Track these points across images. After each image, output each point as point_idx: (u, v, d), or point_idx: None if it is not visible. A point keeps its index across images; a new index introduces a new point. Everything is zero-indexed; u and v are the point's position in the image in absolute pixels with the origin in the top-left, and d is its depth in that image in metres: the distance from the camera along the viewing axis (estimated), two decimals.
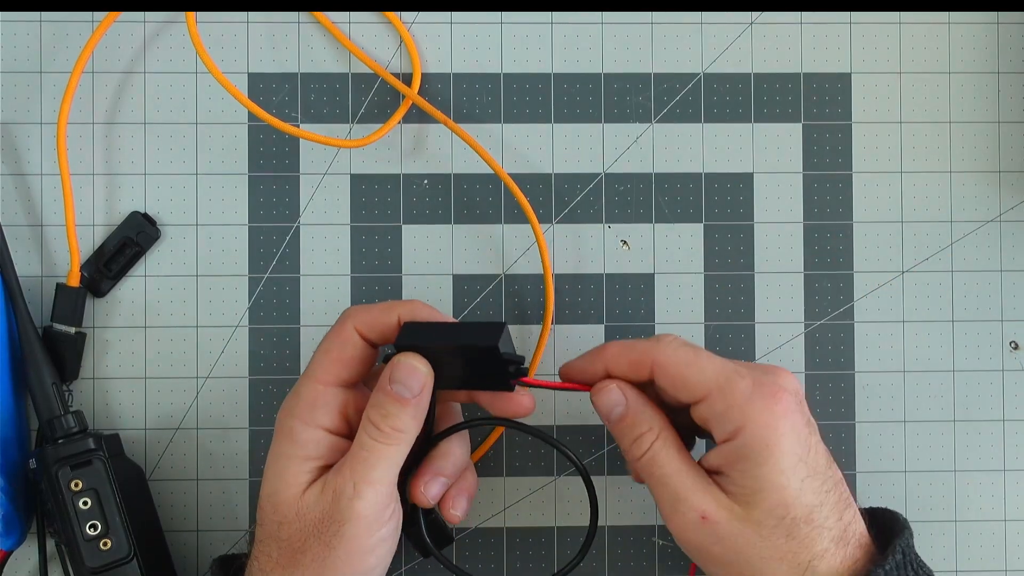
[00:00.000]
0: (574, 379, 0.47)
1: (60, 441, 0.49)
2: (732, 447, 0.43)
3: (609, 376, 0.46)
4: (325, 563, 0.43)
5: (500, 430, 0.52)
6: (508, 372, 0.45)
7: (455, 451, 0.47)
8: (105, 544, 0.48)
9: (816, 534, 0.43)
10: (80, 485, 0.48)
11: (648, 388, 0.46)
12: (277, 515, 0.44)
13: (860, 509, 0.46)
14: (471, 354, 0.45)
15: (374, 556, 0.44)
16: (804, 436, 0.44)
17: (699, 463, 0.45)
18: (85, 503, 0.48)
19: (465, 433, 0.48)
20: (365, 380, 0.47)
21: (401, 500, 0.46)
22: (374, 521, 0.44)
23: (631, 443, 0.45)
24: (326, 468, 0.45)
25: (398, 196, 0.53)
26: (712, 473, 0.45)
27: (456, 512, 0.48)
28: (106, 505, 0.48)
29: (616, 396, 0.45)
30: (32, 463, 0.49)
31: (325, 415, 0.45)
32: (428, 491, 0.46)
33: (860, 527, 0.45)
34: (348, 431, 0.46)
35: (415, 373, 0.44)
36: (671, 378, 0.45)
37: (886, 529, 0.46)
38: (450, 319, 0.48)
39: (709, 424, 0.44)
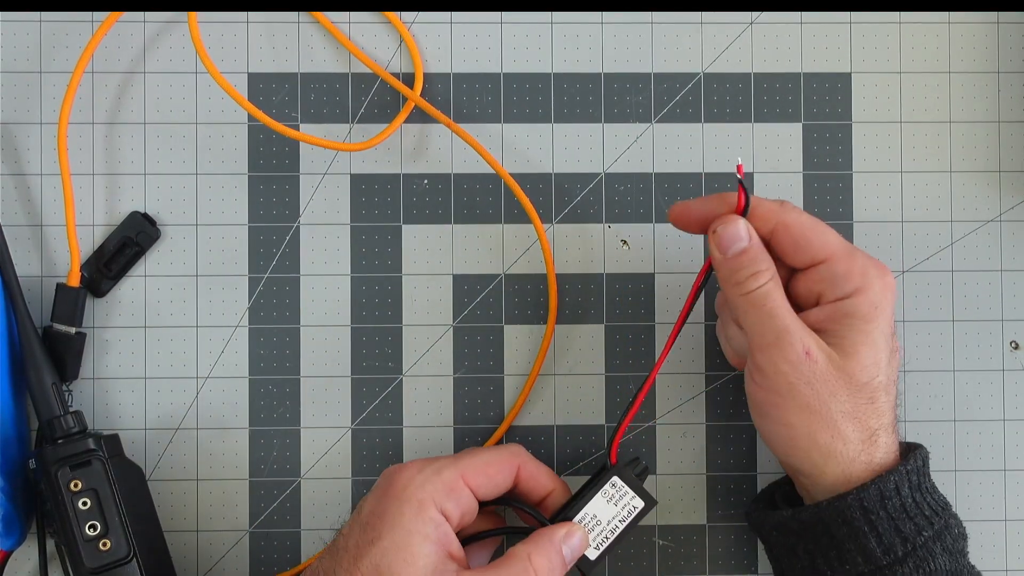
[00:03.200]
0: (691, 216, 0.47)
1: (60, 441, 0.49)
2: (844, 305, 0.45)
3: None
4: None
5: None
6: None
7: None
8: (104, 544, 0.48)
9: (887, 407, 0.46)
10: (80, 485, 0.48)
11: None
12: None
13: None
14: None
15: None
16: (893, 321, 0.47)
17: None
18: (84, 503, 0.48)
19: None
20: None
21: None
22: None
23: (748, 276, 0.45)
24: (443, 552, 0.43)
25: (398, 196, 0.53)
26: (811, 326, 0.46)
27: None
28: (105, 505, 0.48)
29: (742, 230, 0.46)
30: (32, 463, 0.49)
31: (454, 508, 0.44)
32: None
33: (896, 437, 0.47)
34: (456, 533, 0.45)
35: (582, 547, 0.46)
36: (795, 238, 0.46)
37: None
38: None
39: (824, 285, 0.46)
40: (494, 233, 0.53)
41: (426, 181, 0.53)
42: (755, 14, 0.54)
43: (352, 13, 0.53)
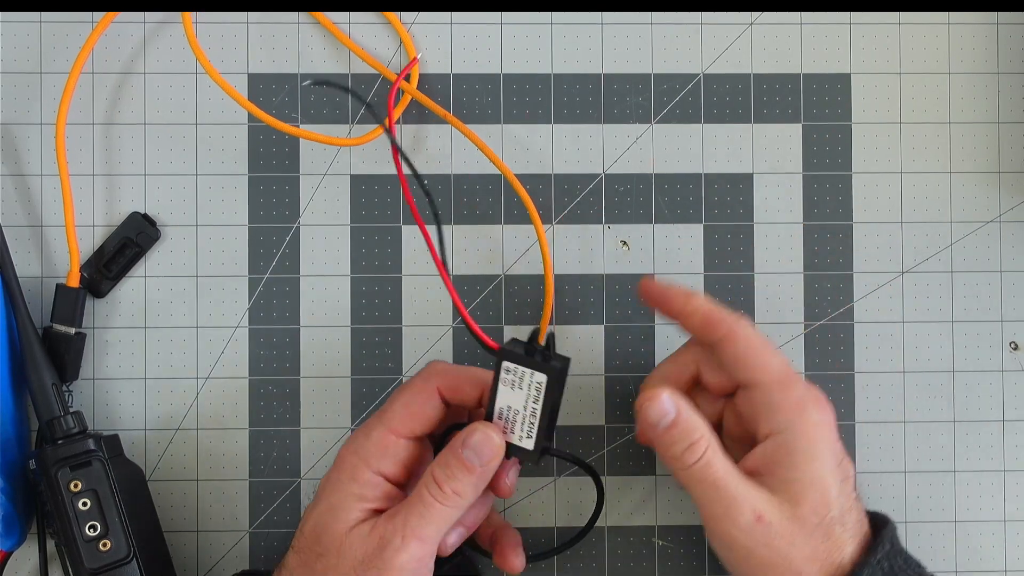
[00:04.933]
0: (654, 295, 0.48)
1: (60, 442, 0.49)
2: (779, 442, 0.45)
3: (677, 315, 0.47)
4: None
5: None
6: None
7: (475, 504, 0.47)
8: (104, 545, 0.48)
9: (846, 536, 0.45)
10: (79, 486, 0.48)
11: (693, 369, 0.49)
12: (319, 546, 0.45)
13: None
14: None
15: None
16: (839, 446, 0.47)
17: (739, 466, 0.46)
18: (84, 504, 0.48)
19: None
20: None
21: None
22: (413, 573, 0.44)
23: (683, 450, 0.45)
24: (377, 512, 0.45)
25: (398, 196, 0.53)
26: (751, 474, 0.46)
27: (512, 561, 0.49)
28: (105, 506, 0.48)
29: (667, 405, 0.45)
30: (32, 464, 0.49)
31: (390, 464, 0.46)
32: (447, 540, 0.47)
33: (867, 526, 0.47)
34: (406, 482, 0.46)
35: (488, 444, 0.45)
36: (742, 352, 0.46)
37: (877, 528, 0.48)
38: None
39: (758, 412, 0.46)
40: (494, 233, 0.53)
41: (426, 181, 0.53)
42: (755, 14, 0.54)
43: (352, 13, 0.53)
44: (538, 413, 0.45)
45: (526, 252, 0.53)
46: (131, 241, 0.52)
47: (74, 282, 0.51)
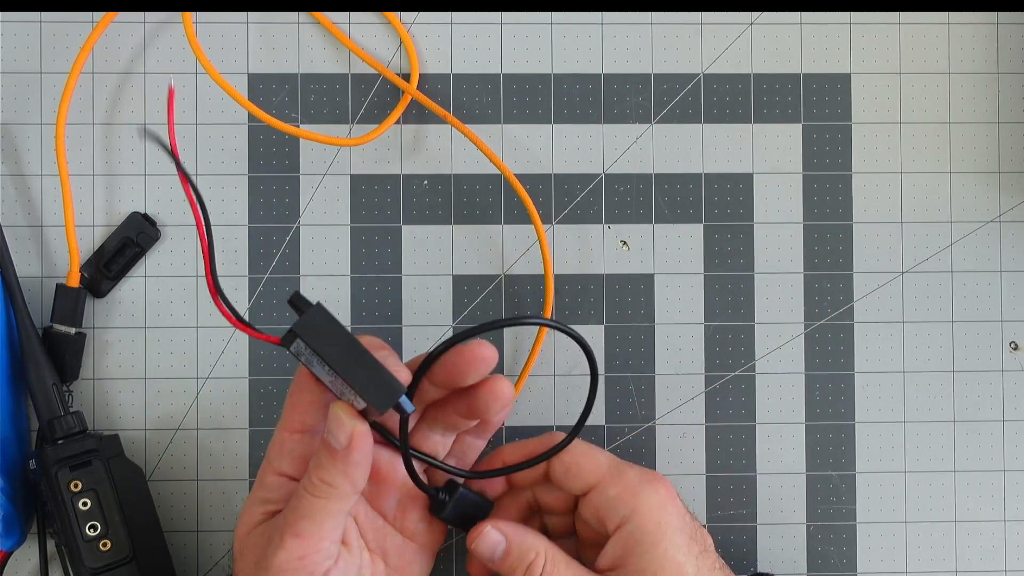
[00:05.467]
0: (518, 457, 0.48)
1: (60, 442, 0.49)
2: (626, 533, 0.45)
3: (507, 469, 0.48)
4: None
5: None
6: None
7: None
8: (105, 545, 0.48)
9: None
10: (80, 486, 0.48)
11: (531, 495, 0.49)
12: (235, 551, 0.45)
13: None
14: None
15: None
16: (688, 517, 0.46)
17: (594, 568, 0.46)
18: (85, 504, 0.48)
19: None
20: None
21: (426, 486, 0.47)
22: (294, 573, 0.43)
23: (524, 571, 0.45)
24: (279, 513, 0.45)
25: (398, 196, 0.53)
26: (607, 572, 0.46)
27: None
28: (106, 506, 0.48)
29: (494, 536, 0.46)
30: (32, 464, 0.49)
31: (289, 462, 0.45)
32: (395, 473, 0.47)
33: None
34: None
35: (340, 425, 0.42)
36: (567, 465, 0.46)
37: None
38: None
39: (601, 512, 0.46)
40: (494, 233, 0.53)
41: (426, 182, 0.53)
42: (755, 14, 0.54)
43: (352, 13, 0.53)
44: (337, 370, 0.41)
45: (526, 252, 0.53)
46: (131, 241, 0.52)
47: (74, 282, 0.51)
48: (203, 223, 0.45)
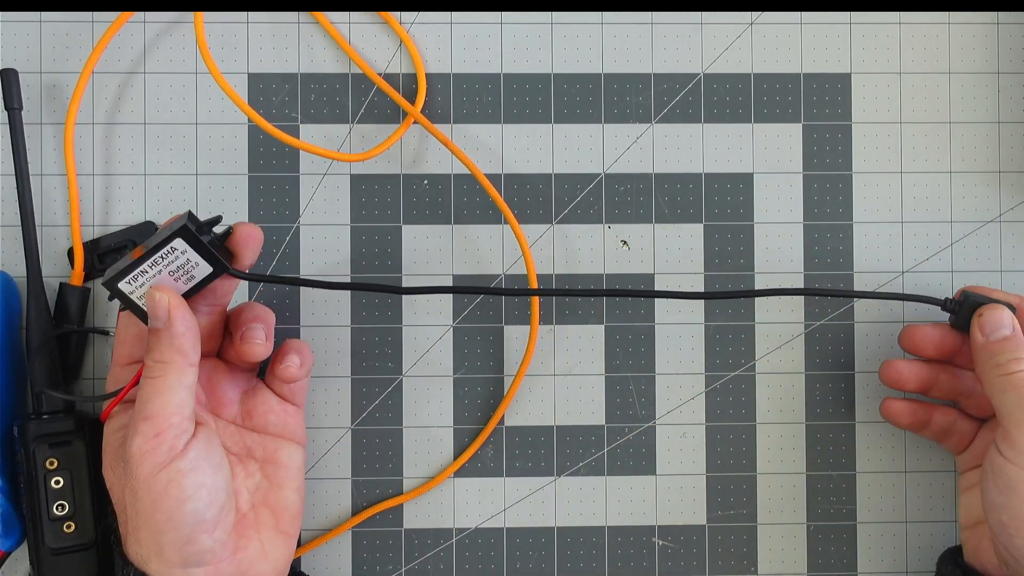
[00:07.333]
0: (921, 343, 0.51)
1: (44, 417, 0.48)
2: None
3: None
4: (137, 510, 0.43)
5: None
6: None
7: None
8: (69, 527, 0.47)
9: None
10: (56, 464, 0.47)
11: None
12: (107, 484, 0.46)
13: None
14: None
15: (176, 488, 0.43)
16: None
17: None
18: (57, 482, 0.47)
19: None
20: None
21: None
22: (154, 453, 0.43)
23: (1009, 360, 0.47)
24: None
25: (398, 196, 0.53)
26: None
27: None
28: (78, 488, 0.48)
29: (1006, 318, 0.48)
30: (16, 432, 0.49)
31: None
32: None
33: None
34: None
35: (158, 303, 0.44)
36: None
37: None
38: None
39: None
40: (494, 234, 0.53)
41: (426, 181, 0.53)
42: (755, 14, 0.54)
43: (352, 14, 0.53)
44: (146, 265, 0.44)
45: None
46: (131, 243, 0.52)
47: (76, 281, 0.51)
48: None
